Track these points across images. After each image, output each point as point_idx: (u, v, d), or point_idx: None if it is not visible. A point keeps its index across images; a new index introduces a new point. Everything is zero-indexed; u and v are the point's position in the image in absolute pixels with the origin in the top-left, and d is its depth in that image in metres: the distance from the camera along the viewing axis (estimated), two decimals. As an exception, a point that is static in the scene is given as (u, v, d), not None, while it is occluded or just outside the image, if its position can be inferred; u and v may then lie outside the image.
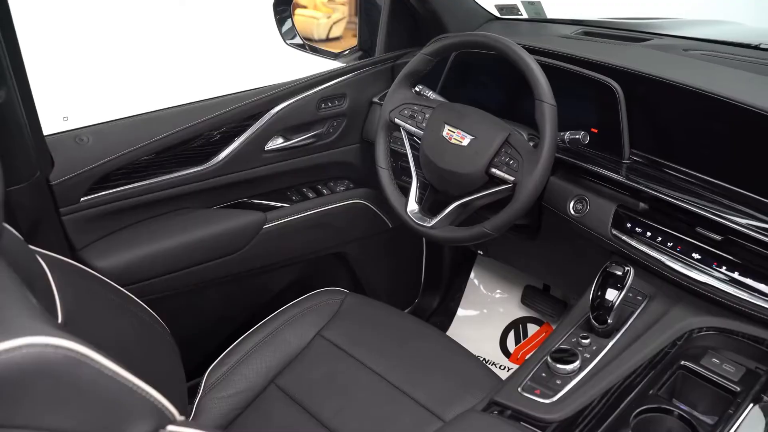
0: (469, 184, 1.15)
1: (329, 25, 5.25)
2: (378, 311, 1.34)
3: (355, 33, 4.64)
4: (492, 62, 1.38)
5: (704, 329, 1.00)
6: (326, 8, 5.41)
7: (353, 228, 1.60)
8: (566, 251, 1.35)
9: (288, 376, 1.20)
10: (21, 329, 0.48)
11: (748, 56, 1.30)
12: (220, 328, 1.50)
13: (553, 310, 1.77)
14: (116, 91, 3.36)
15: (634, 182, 1.10)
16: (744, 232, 0.95)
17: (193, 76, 3.66)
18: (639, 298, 1.07)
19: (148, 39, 4.14)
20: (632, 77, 1.16)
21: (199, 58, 4.01)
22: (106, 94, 3.34)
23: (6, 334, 0.47)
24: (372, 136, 1.54)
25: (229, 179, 1.36)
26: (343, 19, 5.38)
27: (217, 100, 1.31)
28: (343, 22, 5.36)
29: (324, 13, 5.32)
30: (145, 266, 1.26)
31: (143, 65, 3.84)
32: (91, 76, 3.60)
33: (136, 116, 1.25)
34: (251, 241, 1.39)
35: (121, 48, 3.95)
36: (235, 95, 1.33)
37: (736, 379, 0.93)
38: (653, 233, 1.08)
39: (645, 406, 0.89)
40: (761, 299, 0.94)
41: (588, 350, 0.99)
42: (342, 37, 5.27)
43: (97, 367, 0.51)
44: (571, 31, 1.48)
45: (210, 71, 3.78)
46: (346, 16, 5.46)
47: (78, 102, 3.12)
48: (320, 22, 5.19)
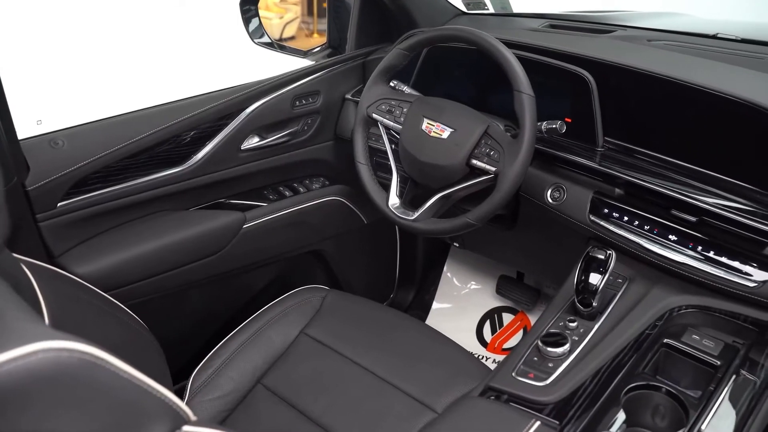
0: (450, 176, 1.17)
1: (282, 26, 5.22)
2: (360, 306, 1.34)
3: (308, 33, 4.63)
4: (464, 56, 1.41)
5: (683, 307, 1.04)
6: (278, 8, 5.37)
7: (330, 225, 1.60)
8: (544, 239, 1.38)
9: (274, 375, 1.20)
10: (31, 335, 0.47)
11: (707, 45, 1.36)
12: (203, 330, 1.48)
13: (528, 298, 1.81)
14: (91, 93, 3.26)
15: (608, 169, 1.13)
16: (717, 213, 1.00)
17: (171, 78, 3.58)
18: (619, 280, 1.10)
19: (125, 38, 4.04)
20: (603, 67, 1.19)
21: (176, 58, 3.93)
22: (80, 95, 3.23)
23: (19, 340, 0.46)
24: (346, 132, 1.55)
25: (206, 180, 1.35)
26: (296, 19, 5.35)
27: (192, 100, 1.29)
28: (296, 23, 5.33)
29: (276, 14, 5.28)
30: (126, 271, 1.23)
31: (119, 66, 3.75)
32: (65, 77, 3.48)
33: (112, 118, 1.22)
34: (231, 241, 1.37)
35: (97, 48, 3.84)
36: (210, 95, 1.31)
37: (715, 353, 0.97)
38: (630, 217, 1.11)
39: (634, 384, 0.92)
40: (736, 275, 0.99)
41: (576, 333, 1.01)
42: (296, 37, 5.25)
43: (112, 369, 0.50)
44: (537, 24, 1.51)
45: (186, 72, 3.71)
46: (299, 16, 5.44)
47: (52, 105, 3.02)
48: (273, 22, 5.15)
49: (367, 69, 1.55)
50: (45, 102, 3.05)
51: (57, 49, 3.65)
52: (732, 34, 1.42)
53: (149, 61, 3.87)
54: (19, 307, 0.54)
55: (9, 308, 0.53)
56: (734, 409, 0.87)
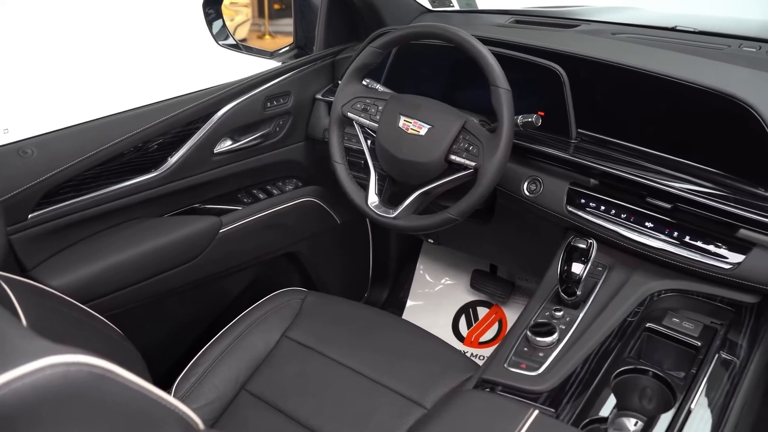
0: (429, 173, 1.17)
1: (233, 28, 5.14)
2: (340, 307, 1.34)
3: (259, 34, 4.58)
4: (434, 53, 1.41)
5: (663, 292, 1.07)
6: (229, 11, 5.29)
7: (304, 226, 1.59)
8: (520, 231, 1.40)
9: (258, 380, 1.18)
10: (37, 350, 0.45)
11: (668, 37, 1.41)
12: (183, 338, 1.45)
13: (503, 291, 1.83)
14: (59, 99, 3.11)
15: (583, 160, 1.16)
16: (690, 198, 1.03)
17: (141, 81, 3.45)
18: (599, 269, 1.13)
19: (92, 40, 3.88)
20: (574, 60, 1.22)
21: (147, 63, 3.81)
22: (47, 102, 3.09)
23: (24, 357, 0.45)
24: (317, 132, 1.54)
25: (180, 185, 1.32)
26: (247, 21, 5.28)
27: (163, 103, 1.26)
28: (247, 25, 5.26)
29: (227, 16, 5.20)
30: (102, 281, 1.19)
31: (86, 71, 3.60)
32: (30, 83, 3.33)
33: (82, 124, 1.18)
34: (208, 246, 1.35)
35: (63, 52, 3.69)
36: (181, 98, 1.28)
37: (696, 334, 1.00)
38: (607, 207, 1.14)
39: (622, 368, 0.94)
40: (711, 258, 1.02)
41: (562, 322, 1.03)
42: (247, 39, 5.18)
43: (121, 381, 0.49)
44: (503, 20, 1.53)
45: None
46: (250, 18, 5.37)
47: (17, 113, 2.88)
48: (223, 25, 5.07)
49: (337, 68, 1.55)
50: (9, 110, 2.91)
51: (22, 53, 3.48)
52: (690, 27, 1.47)
53: (116, 65, 3.74)
54: (15, 323, 0.52)
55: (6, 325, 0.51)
56: (719, 390, 0.90)
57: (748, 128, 1.01)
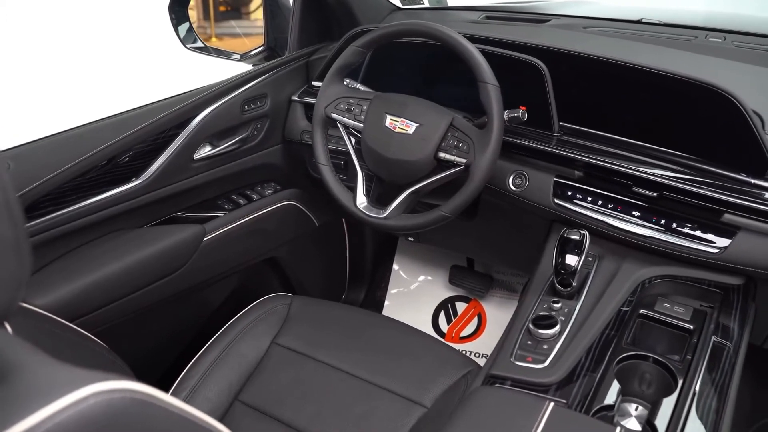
0: (418, 171, 1.17)
1: (179, 32, 5.02)
2: (327, 310, 1.32)
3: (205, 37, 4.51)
4: (410, 52, 1.41)
5: (653, 278, 1.10)
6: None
7: (284, 230, 1.57)
8: (505, 225, 1.41)
9: (251, 390, 1.16)
10: (77, 379, 0.43)
11: (635, 30, 1.45)
12: (169, 352, 1.41)
13: (482, 285, 1.85)
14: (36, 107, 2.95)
15: (568, 152, 1.17)
16: (675, 186, 1.06)
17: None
18: (590, 259, 1.15)
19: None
20: (552, 54, 1.23)
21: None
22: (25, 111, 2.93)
23: (65, 387, 0.42)
24: (294, 135, 1.51)
25: (161, 194, 1.28)
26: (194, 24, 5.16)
27: (142, 110, 1.22)
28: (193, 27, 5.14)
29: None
30: (87, 298, 1.14)
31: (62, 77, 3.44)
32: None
33: (59, 134, 1.13)
34: (193, 255, 1.31)
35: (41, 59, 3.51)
36: (158, 104, 1.24)
37: (687, 318, 1.03)
38: (593, 197, 1.16)
39: (623, 355, 0.96)
40: (699, 243, 1.05)
41: (561, 313, 1.04)
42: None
43: (164, 406, 0.47)
44: (475, 16, 1.54)
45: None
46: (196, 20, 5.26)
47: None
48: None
49: (311, 69, 1.53)
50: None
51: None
52: (655, 19, 1.52)
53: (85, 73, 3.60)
54: (39, 353, 0.49)
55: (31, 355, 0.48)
56: (718, 370, 0.93)
57: (728, 116, 1.04)
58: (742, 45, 1.33)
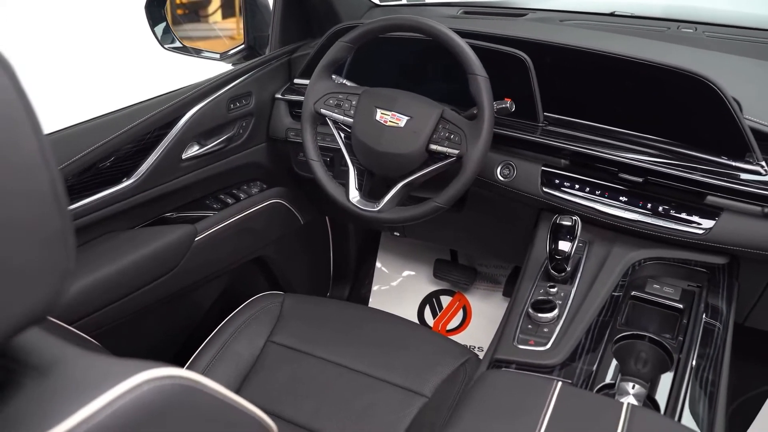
0: (410, 164, 1.18)
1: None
2: (320, 306, 1.33)
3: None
4: (394, 47, 1.42)
5: (643, 261, 1.13)
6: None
7: (272, 229, 1.56)
8: (493, 216, 1.43)
9: (249, 389, 1.15)
10: (127, 369, 0.44)
11: (609, 22, 1.49)
12: (164, 354, 1.39)
13: (467, 278, 1.87)
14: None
15: (553, 141, 1.20)
16: (660, 171, 1.09)
17: None
18: (581, 245, 1.18)
19: None
20: (535, 47, 1.25)
21: None
22: None
23: (120, 375, 0.43)
24: (279, 133, 1.51)
25: (150, 194, 1.26)
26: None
27: (129, 109, 1.20)
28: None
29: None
30: (84, 300, 1.12)
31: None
32: None
33: (49, 135, 1.10)
34: (186, 255, 1.29)
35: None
36: (144, 104, 1.23)
37: (677, 298, 1.07)
38: (581, 185, 1.19)
39: (620, 335, 0.99)
40: (685, 225, 1.09)
41: (558, 297, 1.07)
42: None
43: (210, 392, 0.48)
44: (453, 11, 1.56)
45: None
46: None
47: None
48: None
49: (293, 66, 1.52)
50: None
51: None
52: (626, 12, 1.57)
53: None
54: (75, 348, 0.49)
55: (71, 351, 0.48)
56: (711, 346, 0.97)
57: (709, 103, 1.08)
58: (713, 35, 1.38)
